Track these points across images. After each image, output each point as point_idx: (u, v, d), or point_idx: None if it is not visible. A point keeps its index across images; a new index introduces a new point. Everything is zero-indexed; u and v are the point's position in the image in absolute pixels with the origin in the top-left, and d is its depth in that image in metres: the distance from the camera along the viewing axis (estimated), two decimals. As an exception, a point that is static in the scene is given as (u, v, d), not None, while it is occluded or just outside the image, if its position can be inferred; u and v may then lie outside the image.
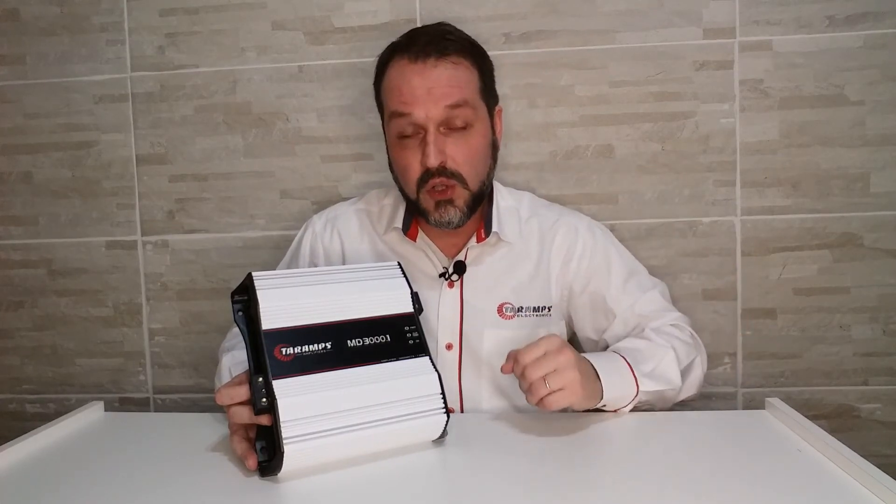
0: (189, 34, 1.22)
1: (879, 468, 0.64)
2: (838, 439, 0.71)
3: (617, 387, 0.84)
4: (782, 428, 0.80)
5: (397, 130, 0.93)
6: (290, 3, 1.20)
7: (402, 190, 0.99)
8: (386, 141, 1.00)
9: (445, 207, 0.92)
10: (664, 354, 0.91)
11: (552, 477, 0.69)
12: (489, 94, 0.98)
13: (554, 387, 0.76)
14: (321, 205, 1.19)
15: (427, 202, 0.94)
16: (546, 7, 1.17)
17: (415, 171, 0.92)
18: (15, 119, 1.26)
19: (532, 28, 1.17)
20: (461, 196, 0.93)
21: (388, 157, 1.00)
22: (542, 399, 0.76)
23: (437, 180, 0.91)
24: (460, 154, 0.92)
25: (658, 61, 1.16)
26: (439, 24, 0.98)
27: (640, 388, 0.86)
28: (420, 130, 0.91)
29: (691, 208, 1.17)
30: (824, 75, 1.14)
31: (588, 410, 0.85)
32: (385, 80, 0.96)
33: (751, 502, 0.62)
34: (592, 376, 0.81)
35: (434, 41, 0.92)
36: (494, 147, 0.99)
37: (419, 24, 1.18)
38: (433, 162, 0.90)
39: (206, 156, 1.23)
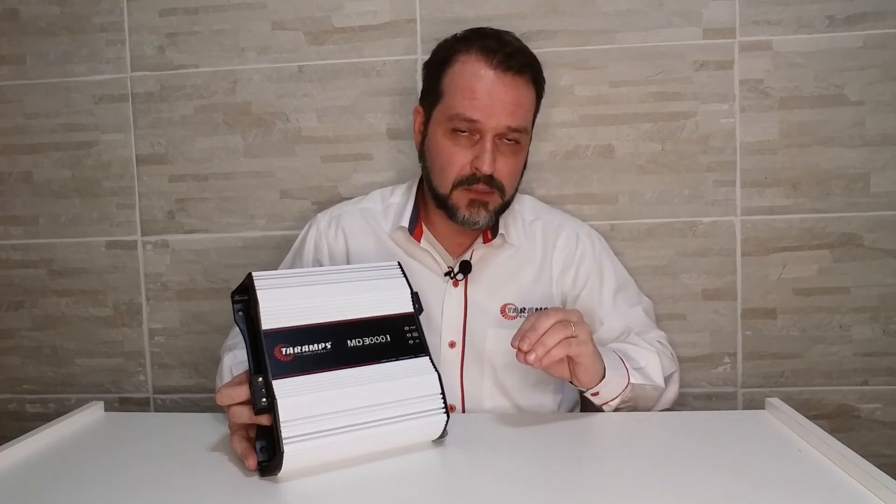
0: (189, 34, 1.22)
1: (879, 468, 0.64)
2: (838, 439, 0.71)
3: (614, 371, 0.88)
4: (782, 428, 0.80)
5: (454, 126, 0.93)
6: (290, 3, 1.20)
7: (429, 182, 0.99)
8: (426, 126, 0.99)
9: (478, 209, 0.95)
10: (650, 357, 0.96)
11: (552, 477, 0.69)
12: (535, 120, 1.02)
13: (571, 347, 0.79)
14: (321, 205, 1.19)
15: (460, 199, 0.95)
16: (546, 7, 1.17)
17: (459, 168, 0.94)
18: (15, 119, 1.26)
19: (532, 28, 1.17)
20: (495, 203, 0.96)
21: (423, 144, 1.00)
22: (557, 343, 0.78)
23: (481, 186, 0.93)
24: (506, 168, 0.95)
25: (658, 61, 1.16)
26: (510, 33, 0.98)
27: (631, 381, 0.89)
28: (476, 133, 0.93)
29: (691, 208, 1.17)
30: (824, 75, 1.14)
31: (580, 411, 0.84)
32: (454, 69, 0.94)
33: (751, 502, 0.62)
34: (598, 355, 0.85)
35: (517, 55, 0.93)
36: (525, 165, 1.02)
37: (419, 25, 1.18)
38: (488, 169, 0.92)
39: (206, 156, 1.23)
